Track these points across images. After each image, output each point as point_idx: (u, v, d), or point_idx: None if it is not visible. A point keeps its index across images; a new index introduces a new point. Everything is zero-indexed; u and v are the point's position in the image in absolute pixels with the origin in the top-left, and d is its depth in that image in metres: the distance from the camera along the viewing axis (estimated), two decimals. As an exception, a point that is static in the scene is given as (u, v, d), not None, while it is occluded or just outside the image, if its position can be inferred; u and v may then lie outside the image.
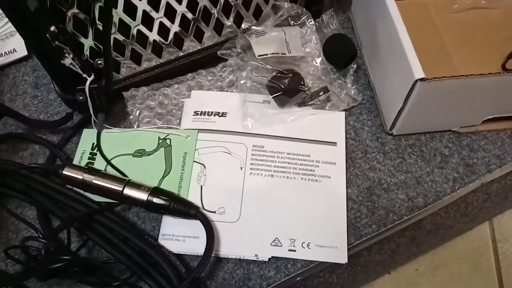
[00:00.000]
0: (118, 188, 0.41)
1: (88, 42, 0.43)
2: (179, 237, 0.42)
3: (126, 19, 0.43)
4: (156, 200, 0.40)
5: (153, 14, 0.44)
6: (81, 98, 0.45)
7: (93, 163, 0.46)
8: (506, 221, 0.90)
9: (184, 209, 0.41)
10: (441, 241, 0.75)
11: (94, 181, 0.42)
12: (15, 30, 0.57)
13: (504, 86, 0.44)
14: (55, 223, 0.45)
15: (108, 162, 0.44)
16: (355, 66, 0.51)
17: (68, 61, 0.42)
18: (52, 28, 0.39)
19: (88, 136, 0.48)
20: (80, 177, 0.42)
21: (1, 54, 0.56)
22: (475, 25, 0.56)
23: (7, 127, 0.50)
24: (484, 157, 0.48)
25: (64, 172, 0.42)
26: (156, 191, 0.41)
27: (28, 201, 0.44)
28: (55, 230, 0.43)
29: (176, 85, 0.51)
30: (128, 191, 0.41)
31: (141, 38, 0.46)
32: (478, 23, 0.56)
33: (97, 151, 0.46)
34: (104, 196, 0.42)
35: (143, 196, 0.40)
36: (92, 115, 0.46)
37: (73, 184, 0.43)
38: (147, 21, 0.45)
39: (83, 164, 0.46)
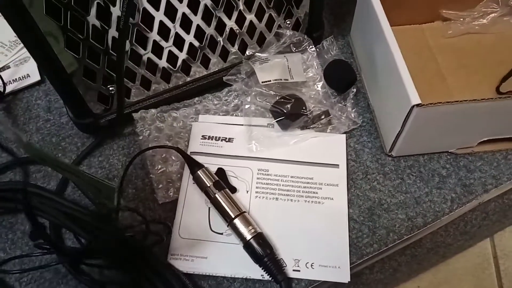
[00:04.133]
0: (232, 214, 0.43)
1: (101, 70, 0.45)
2: (188, 256, 0.43)
3: (138, 48, 0.46)
4: (255, 245, 0.42)
5: (163, 43, 0.47)
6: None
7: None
8: (506, 237, 0.91)
9: (274, 270, 0.42)
10: (442, 258, 0.76)
11: (216, 195, 0.44)
12: (28, 56, 0.60)
13: (498, 110, 0.45)
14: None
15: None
16: (354, 90, 0.53)
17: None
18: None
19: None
20: (208, 184, 0.45)
21: (15, 79, 0.58)
22: (469, 50, 0.59)
23: (20, 150, 0.52)
24: (481, 178, 0.49)
25: (198, 172, 0.46)
26: (260, 237, 0.43)
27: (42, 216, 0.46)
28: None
29: (184, 108, 0.53)
30: (237, 222, 0.43)
31: (151, 66, 0.48)
32: (472, 48, 0.59)
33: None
34: (219, 211, 0.45)
35: (247, 234, 0.42)
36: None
37: (197, 184, 0.46)
38: (157, 49, 0.47)
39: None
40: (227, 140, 0.50)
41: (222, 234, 0.44)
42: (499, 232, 0.89)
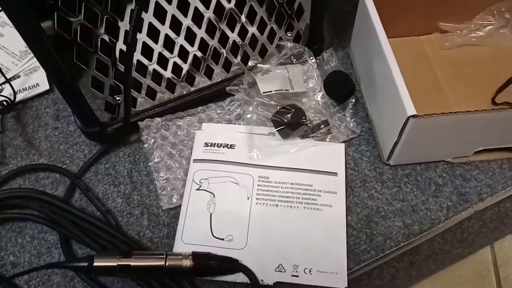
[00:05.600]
0: (161, 263, 0.41)
1: (108, 81, 0.47)
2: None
3: (144, 60, 0.47)
4: (203, 263, 0.42)
5: (168, 55, 0.49)
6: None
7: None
8: (507, 245, 0.91)
9: (227, 264, 0.43)
10: (442, 265, 0.77)
11: (133, 263, 0.41)
12: (38, 65, 0.62)
13: (493, 120, 0.47)
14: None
15: None
16: (353, 100, 0.54)
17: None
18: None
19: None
20: (115, 263, 0.40)
21: (25, 88, 0.60)
22: (467, 62, 0.60)
23: (30, 156, 0.54)
24: (476, 186, 0.50)
25: (95, 264, 0.41)
26: (196, 254, 0.42)
27: (52, 226, 0.47)
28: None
29: (188, 117, 0.55)
30: (171, 263, 0.41)
31: (157, 76, 0.50)
32: (469, 59, 0.60)
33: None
34: (147, 275, 0.42)
35: (187, 263, 0.41)
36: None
37: (108, 273, 0.42)
38: (162, 61, 0.49)
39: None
40: (229, 146, 0.52)
41: (223, 239, 0.46)
42: (499, 239, 0.90)
